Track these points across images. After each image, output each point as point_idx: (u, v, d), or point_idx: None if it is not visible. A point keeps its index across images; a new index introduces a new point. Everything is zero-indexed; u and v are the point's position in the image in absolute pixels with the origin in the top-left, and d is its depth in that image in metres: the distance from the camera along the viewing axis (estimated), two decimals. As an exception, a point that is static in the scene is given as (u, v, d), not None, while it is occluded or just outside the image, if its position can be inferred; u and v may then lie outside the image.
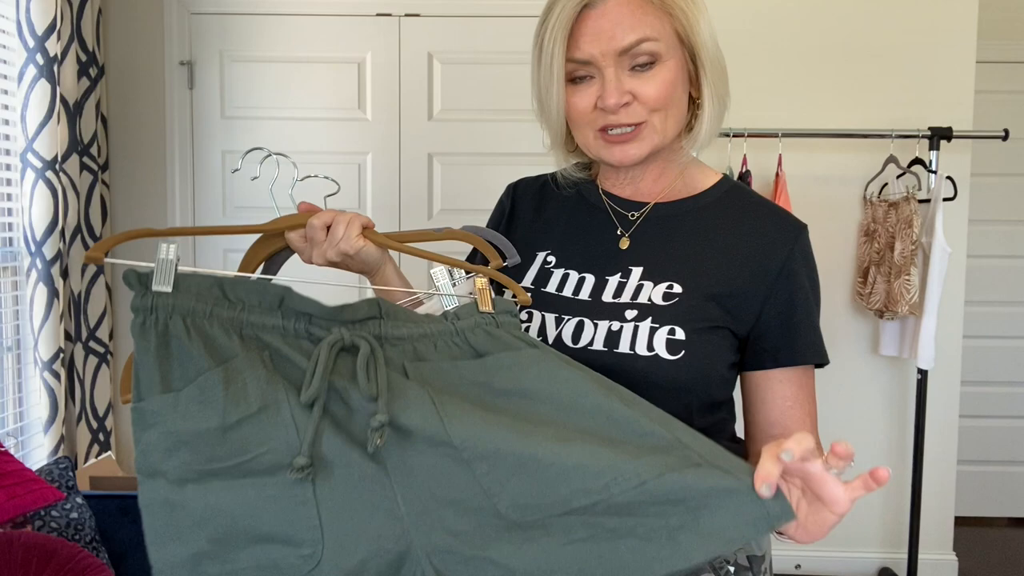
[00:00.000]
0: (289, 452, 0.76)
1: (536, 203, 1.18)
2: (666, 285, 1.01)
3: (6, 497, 1.58)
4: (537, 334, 1.02)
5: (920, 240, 2.65)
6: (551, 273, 1.07)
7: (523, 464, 0.76)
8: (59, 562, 1.62)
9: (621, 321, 0.99)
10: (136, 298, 0.81)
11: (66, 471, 1.95)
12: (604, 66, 0.97)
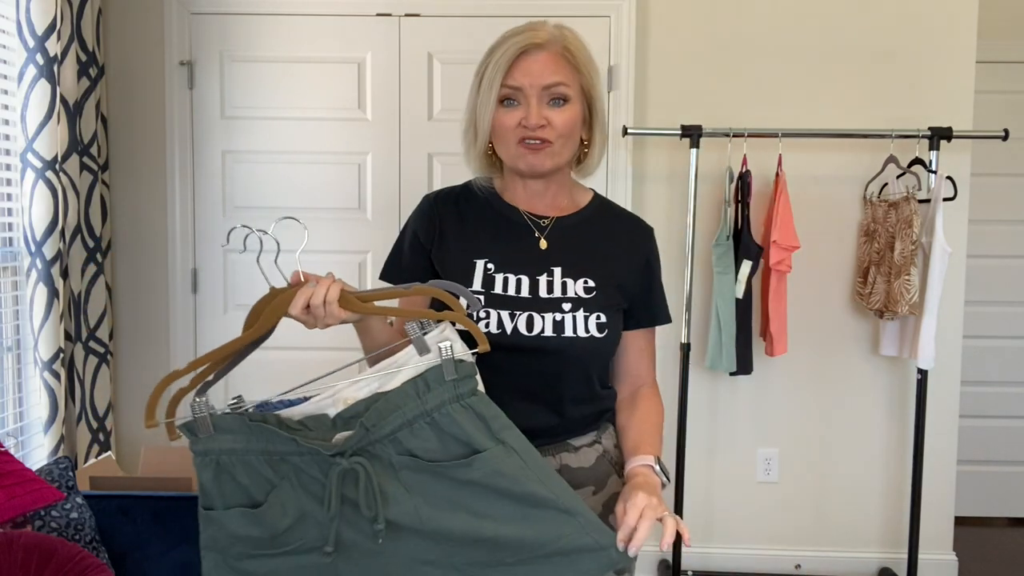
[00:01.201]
0: (319, 540, 1.15)
1: (457, 214, 1.46)
2: (583, 281, 1.36)
3: (6, 497, 1.58)
4: (496, 328, 1.30)
5: (920, 240, 2.65)
6: (494, 277, 1.35)
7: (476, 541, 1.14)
8: (59, 562, 1.62)
9: (561, 312, 1.32)
10: (191, 444, 1.26)
11: (66, 471, 1.95)
12: (530, 95, 1.33)
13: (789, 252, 2.67)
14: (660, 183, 2.94)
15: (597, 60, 3.03)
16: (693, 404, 2.98)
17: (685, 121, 2.91)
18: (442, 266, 1.38)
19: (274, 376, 3.03)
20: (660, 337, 3.02)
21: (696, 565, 3.03)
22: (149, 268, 2.99)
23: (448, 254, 1.38)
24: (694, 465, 3.01)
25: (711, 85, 2.91)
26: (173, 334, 2.97)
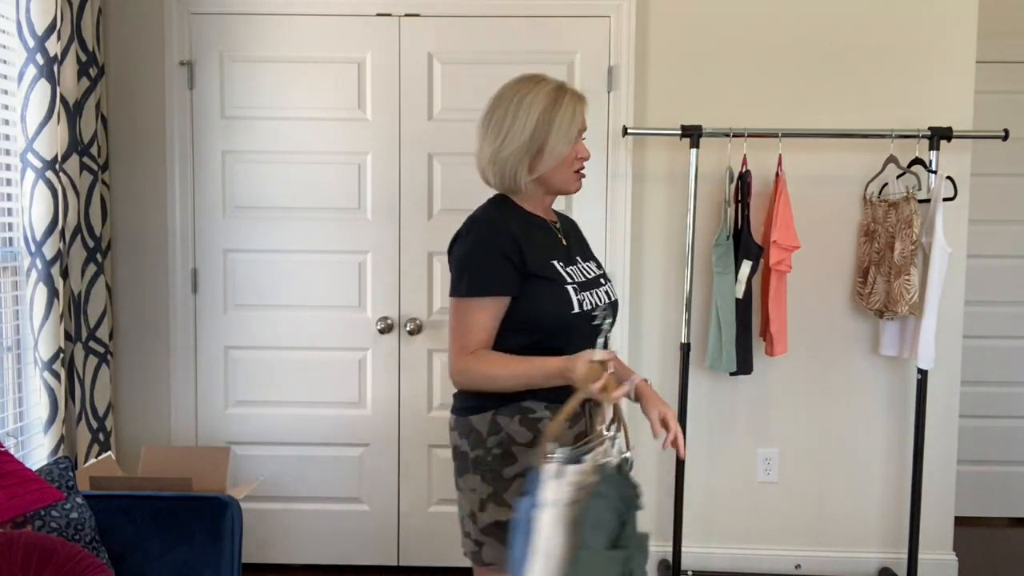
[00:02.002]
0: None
1: (520, 231, 1.64)
2: (593, 263, 1.79)
3: (6, 497, 1.58)
4: (588, 305, 1.66)
5: (920, 240, 2.65)
6: (567, 270, 1.67)
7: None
8: (59, 562, 1.62)
9: (603, 286, 1.74)
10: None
11: (66, 471, 1.95)
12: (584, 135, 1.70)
13: (789, 252, 2.67)
14: (660, 183, 2.94)
15: (597, 60, 3.05)
16: (693, 404, 2.98)
17: (685, 121, 2.91)
18: (534, 272, 1.60)
19: (274, 375, 3.04)
20: (661, 337, 3.03)
21: (696, 565, 3.03)
22: (149, 268, 2.99)
23: (536, 262, 1.60)
24: (694, 465, 3.01)
25: (711, 85, 2.91)
26: (173, 334, 2.98)
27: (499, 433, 1.61)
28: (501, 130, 1.60)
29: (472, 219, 1.66)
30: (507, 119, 1.60)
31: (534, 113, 1.59)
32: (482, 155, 1.65)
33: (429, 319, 2.97)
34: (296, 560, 3.06)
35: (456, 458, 1.66)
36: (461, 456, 1.64)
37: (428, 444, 3.01)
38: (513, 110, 1.60)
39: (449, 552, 3.05)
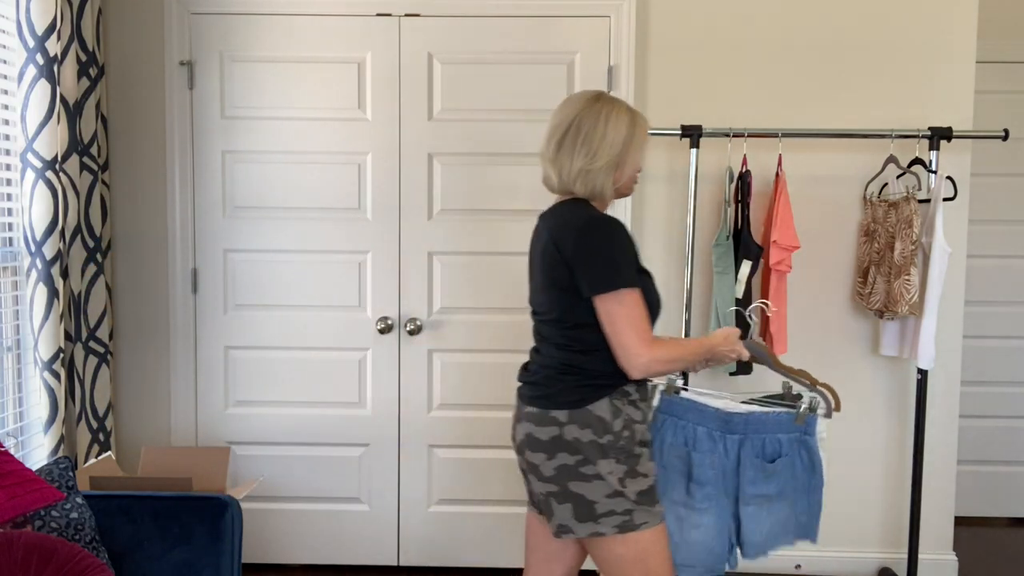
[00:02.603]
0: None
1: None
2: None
3: (6, 497, 1.58)
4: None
5: (920, 240, 2.65)
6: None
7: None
8: (59, 562, 1.62)
9: None
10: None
11: (66, 471, 1.95)
12: None
13: (789, 252, 2.67)
14: (660, 183, 2.94)
15: (597, 60, 3.05)
16: (693, 404, 2.98)
17: (685, 121, 2.91)
18: (641, 267, 1.76)
19: (274, 375, 3.04)
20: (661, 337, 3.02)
21: (696, 565, 3.03)
22: (149, 268, 2.99)
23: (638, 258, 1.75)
24: (694, 465, 3.01)
25: (711, 85, 2.91)
26: (173, 334, 2.98)
27: (620, 416, 1.73)
28: (592, 145, 1.73)
29: (589, 217, 1.70)
30: (596, 134, 1.73)
31: (621, 129, 1.74)
32: (570, 167, 1.75)
33: (429, 319, 2.97)
34: (296, 560, 3.06)
35: (573, 450, 1.70)
36: (588, 446, 1.70)
37: (428, 444, 3.01)
38: (602, 126, 1.73)
39: (449, 552, 3.05)
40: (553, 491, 1.72)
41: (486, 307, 2.96)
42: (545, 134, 1.80)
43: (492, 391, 2.99)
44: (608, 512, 1.70)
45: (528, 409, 1.76)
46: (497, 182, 2.93)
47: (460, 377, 2.99)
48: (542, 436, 1.73)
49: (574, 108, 1.75)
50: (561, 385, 1.73)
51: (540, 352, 1.81)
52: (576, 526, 1.71)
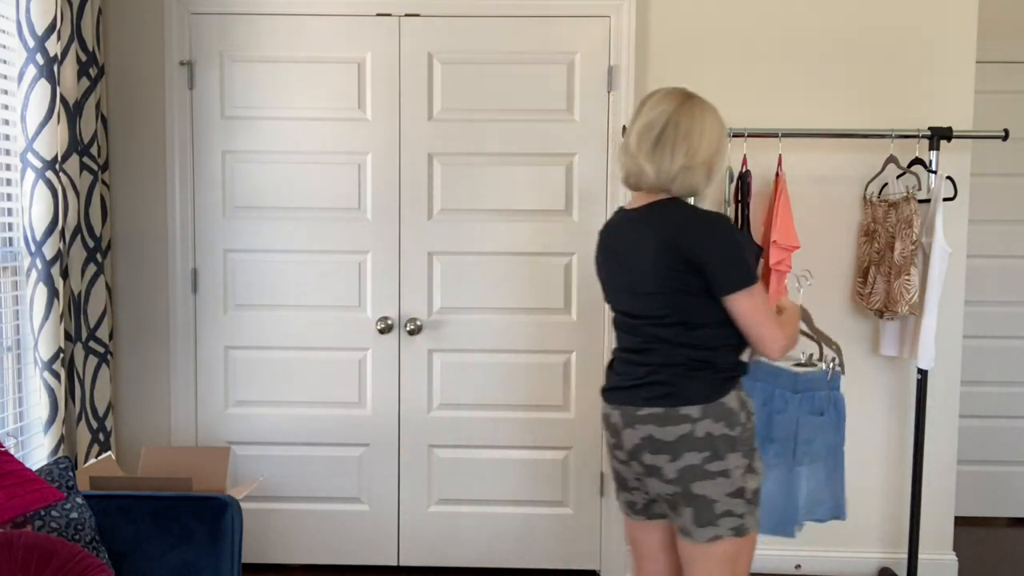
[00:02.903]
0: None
1: None
2: None
3: (6, 497, 1.58)
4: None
5: (920, 240, 2.65)
6: None
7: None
8: (59, 562, 1.62)
9: None
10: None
11: (66, 471, 1.95)
12: None
13: (789, 252, 2.67)
14: (660, 183, 2.93)
15: (597, 60, 3.04)
16: (693, 404, 2.98)
17: (685, 121, 2.91)
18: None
19: (274, 375, 3.04)
20: (660, 337, 3.01)
21: (696, 565, 3.03)
22: (149, 268, 2.99)
23: None
24: (694, 465, 3.01)
25: (711, 85, 2.91)
26: (173, 334, 2.98)
27: (745, 407, 1.78)
28: (691, 142, 1.75)
29: (706, 215, 1.73)
30: (695, 132, 1.75)
31: (716, 128, 1.79)
32: (670, 164, 1.76)
33: (429, 319, 2.97)
34: (296, 560, 3.06)
35: (703, 446, 1.72)
36: (720, 440, 1.72)
37: (428, 444, 3.01)
38: (698, 127, 1.76)
39: (449, 552, 3.05)
40: (677, 492, 1.74)
41: (486, 307, 2.97)
42: (634, 131, 1.79)
43: (492, 391, 2.99)
44: (726, 513, 1.72)
45: (646, 411, 1.75)
46: (497, 182, 2.93)
47: (460, 377, 2.99)
48: (667, 437, 1.73)
49: (668, 105, 1.77)
50: (692, 382, 1.74)
51: (653, 353, 1.78)
52: (696, 531, 1.73)
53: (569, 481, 3.02)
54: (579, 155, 2.91)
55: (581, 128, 2.91)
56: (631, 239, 1.78)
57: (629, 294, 1.80)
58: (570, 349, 2.98)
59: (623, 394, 1.80)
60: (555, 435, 3.00)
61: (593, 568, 3.05)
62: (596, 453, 3.00)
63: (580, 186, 2.92)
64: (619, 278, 1.82)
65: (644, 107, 1.80)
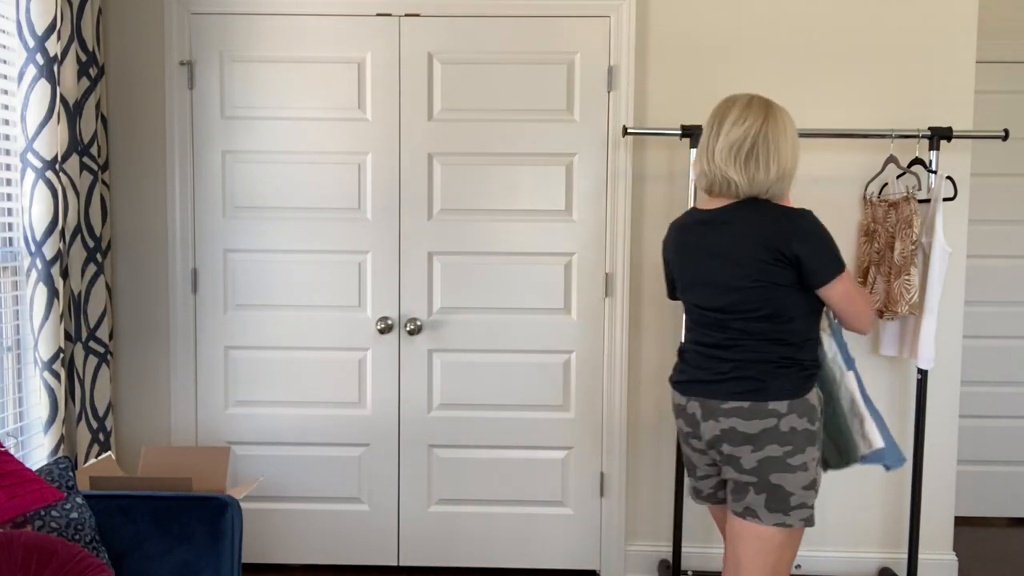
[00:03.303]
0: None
1: None
2: None
3: (6, 497, 1.58)
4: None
5: (920, 240, 2.65)
6: None
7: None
8: (59, 562, 1.62)
9: None
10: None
11: (66, 471, 1.95)
12: None
13: (789, 252, 2.67)
14: (660, 183, 2.94)
15: (597, 60, 3.04)
16: (693, 404, 2.98)
17: (685, 121, 2.91)
18: None
19: (274, 375, 3.04)
20: (660, 337, 3.03)
21: (696, 565, 3.03)
22: (149, 268, 2.99)
23: None
24: (694, 465, 3.01)
25: (711, 85, 2.91)
26: (173, 334, 2.98)
27: (820, 402, 1.90)
28: (781, 155, 1.86)
29: (795, 212, 1.83)
30: (784, 146, 1.87)
31: (795, 135, 1.90)
32: (765, 176, 1.86)
33: (429, 319, 2.97)
34: (296, 560, 3.06)
35: (785, 441, 1.81)
36: (802, 434, 1.82)
37: (428, 444, 3.02)
38: (783, 139, 1.87)
39: (449, 552, 3.05)
40: (752, 481, 1.82)
41: (486, 307, 2.97)
42: (718, 146, 1.89)
43: (492, 391, 2.99)
44: (800, 505, 1.82)
45: (732, 404, 1.83)
46: (497, 182, 2.93)
47: (460, 377, 2.99)
48: (750, 430, 1.82)
49: (755, 120, 1.87)
50: (780, 379, 1.83)
51: (740, 348, 1.87)
52: (765, 515, 1.82)
53: (569, 481, 3.02)
54: (579, 155, 2.91)
55: (581, 128, 2.91)
56: (719, 237, 1.87)
57: (716, 289, 1.88)
58: (570, 349, 2.98)
59: (705, 387, 1.89)
60: (555, 435, 3.00)
61: (593, 568, 3.05)
62: (596, 453, 3.00)
63: (580, 186, 2.92)
64: (704, 274, 1.91)
65: (725, 122, 1.89)
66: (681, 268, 1.98)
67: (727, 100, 1.93)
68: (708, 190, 1.92)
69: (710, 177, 1.90)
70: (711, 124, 1.92)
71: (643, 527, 3.04)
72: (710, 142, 1.90)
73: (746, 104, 1.89)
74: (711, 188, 1.91)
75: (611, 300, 2.94)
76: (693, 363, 1.95)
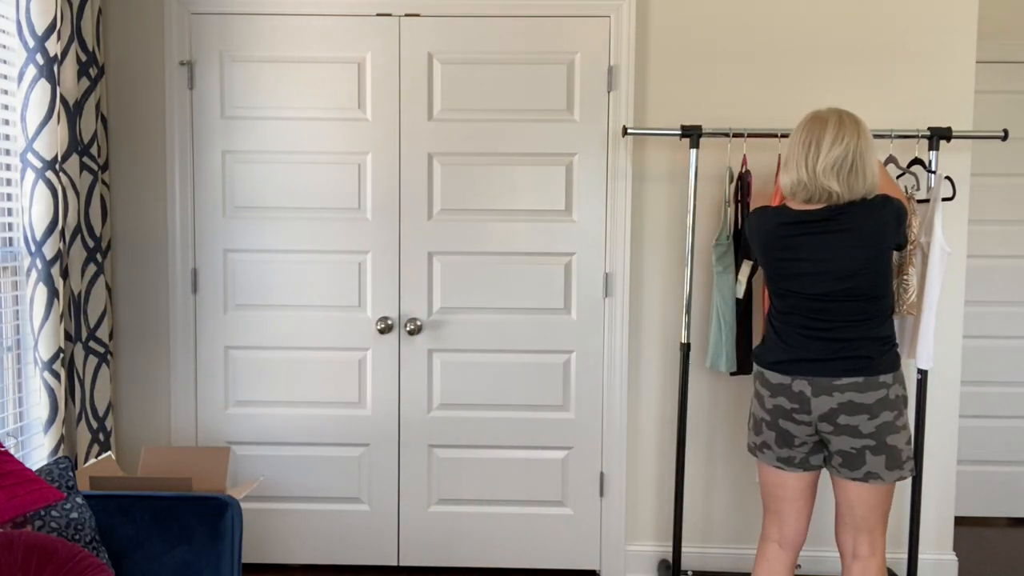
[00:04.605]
0: None
1: None
2: None
3: (6, 497, 1.58)
4: None
5: (919, 240, 2.65)
6: None
7: None
8: (59, 562, 1.62)
9: None
10: None
11: (66, 471, 1.95)
12: None
13: (789, 252, 2.67)
14: (660, 183, 2.94)
15: (597, 60, 3.04)
16: (693, 404, 2.98)
17: (685, 121, 2.91)
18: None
19: (274, 375, 3.04)
20: (661, 337, 3.02)
21: (696, 565, 3.03)
22: (149, 268, 2.99)
23: None
24: (694, 465, 3.01)
25: (711, 85, 2.91)
26: (173, 334, 2.98)
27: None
28: (870, 167, 2.12)
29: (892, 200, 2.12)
30: (871, 159, 2.13)
31: (874, 146, 2.24)
32: (862, 187, 2.12)
33: (429, 319, 2.97)
34: (296, 560, 3.06)
35: (893, 407, 2.11)
36: (902, 400, 2.13)
37: (428, 444, 3.02)
38: (870, 151, 2.13)
39: (449, 552, 3.05)
40: (871, 445, 2.10)
41: (486, 307, 2.97)
42: (825, 160, 2.10)
43: (492, 391, 2.99)
44: (908, 458, 2.14)
45: (847, 380, 2.10)
46: (497, 182, 2.93)
47: (460, 377, 2.99)
48: (867, 400, 2.09)
49: (851, 139, 2.11)
50: (884, 355, 2.12)
51: (847, 328, 2.13)
52: (886, 474, 2.11)
53: (569, 481, 3.02)
54: (579, 155, 2.92)
55: (581, 128, 2.91)
56: (836, 230, 2.10)
57: (828, 278, 2.12)
58: (570, 349, 2.98)
59: (813, 366, 2.14)
60: (555, 435, 3.00)
61: (593, 568, 3.06)
62: (596, 453, 3.00)
63: (580, 186, 2.92)
64: (815, 266, 2.13)
65: (823, 142, 2.11)
66: (786, 261, 2.19)
67: (818, 119, 2.15)
68: (808, 199, 2.15)
69: (811, 189, 2.13)
70: (807, 143, 2.14)
71: (643, 527, 3.04)
72: (809, 160, 2.13)
73: (839, 121, 2.13)
74: (811, 198, 2.14)
75: (611, 300, 2.94)
76: (796, 344, 2.18)
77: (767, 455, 2.26)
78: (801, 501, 2.27)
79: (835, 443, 2.14)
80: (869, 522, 2.16)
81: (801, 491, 2.26)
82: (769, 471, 2.28)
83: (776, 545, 2.30)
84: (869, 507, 2.15)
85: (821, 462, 2.23)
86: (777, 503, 2.29)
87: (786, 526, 2.28)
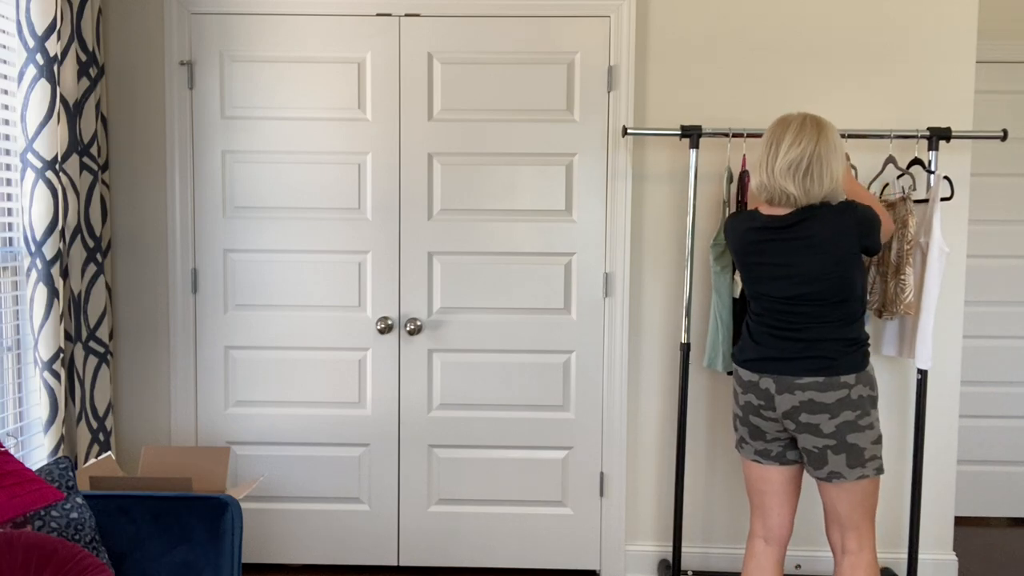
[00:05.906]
0: None
1: None
2: None
3: (6, 497, 1.58)
4: None
5: (918, 240, 2.66)
6: None
7: None
8: (59, 562, 1.62)
9: None
10: None
11: (66, 471, 1.95)
12: None
13: (789, 252, 2.67)
14: (660, 183, 2.94)
15: (597, 60, 3.04)
16: (693, 404, 2.98)
17: (685, 121, 2.91)
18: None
19: (274, 375, 3.04)
20: (660, 337, 3.02)
21: (696, 565, 3.03)
22: (149, 268, 2.99)
23: None
24: (694, 465, 3.01)
25: (711, 85, 2.91)
26: (173, 334, 2.98)
27: (874, 370, 2.28)
28: (832, 170, 2.14)
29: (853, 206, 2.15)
30: (834, 162, 2.15)
31: (842, 148, 2.19)
32: (820, 190, 2.14)
33: (429, 319, 2.97)
34: (296, 560, 3.07)
35: (855, 407, 2.14)
36: (867, 400, 2.16)
37: (428, 444, 3.02)
38: (834, 155, 2.16)
39: (449, 552, 3.05)
40: (831, 444, 2.14)
41: (486, 307, 2.97)
42: (782, 162, 2.14)
43: (492, 391, 2.99)
44: (872, 457, 2.16)
45: (808, 379, 2.14)
46: (497, 182, 2.93)
47: (460, 377, 2.99)
48: (827, 400, 2.13)
49: (809, 142, 2.13)
50: (848, 356, 2.14)
51: (811, 329, 2.16)
52: (848, 472, 2.15)
53: (569, 481, 3.02)
54: (579, 155, 2.92)
55: (581, 128, 2.91)
56: (797, 237, 2.14)
57: (795, 281, 2.16)
58: (570, 349, 2.98)
59: (779, 364, 2.18)
60: (555, 435, 3.00)
61: (593, 568, 3.06)
62: (596, 453, 3.00)
63: (580, 186, 2.92)
64: (783, 269, 2.17)
65: (783, 144, 2.14)
66: (754, 264, 2.24)
67: (782, 121, 2.18)
68: (769, 200, 2.19)
69: (771, 190, 2.17)
70: (769, 144, 2.18)
71: (643, 527, 3.05)
72: (769, 161, 2.17)
73: (800, 125, 2.15)
74: (772, 199, 2.18)
75: (611, 300, 2.94)
76: (765, 344, 2.22)
77: (746, 449, 2.33)
78: (783, 495, 2.31)
79: (800, 441, 2.20)
80: (853, 519, 2.20)
81: (783, 484, 2.31)
82: (750, 465, 2.33)
83: (762, 541, 2.34)
84: (851, 505, 2.19)
85: (798, 458, 2.29)
86: (760, 497, 2.34)
87: (769, 520, 2.33)
